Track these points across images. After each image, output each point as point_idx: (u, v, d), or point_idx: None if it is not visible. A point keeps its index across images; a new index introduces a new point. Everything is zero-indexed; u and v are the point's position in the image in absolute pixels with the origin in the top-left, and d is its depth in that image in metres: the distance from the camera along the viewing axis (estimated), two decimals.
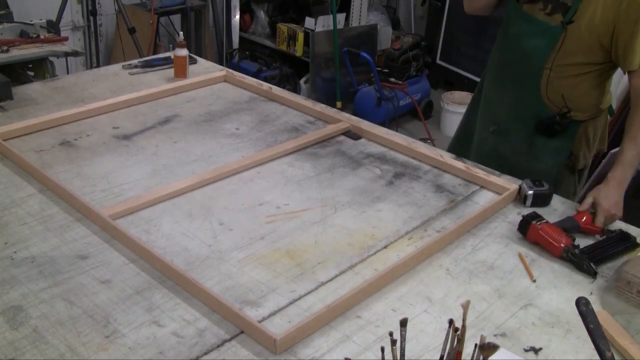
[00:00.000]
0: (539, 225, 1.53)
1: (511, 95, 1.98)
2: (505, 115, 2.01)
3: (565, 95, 1.86)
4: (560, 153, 1.94)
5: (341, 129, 2.08)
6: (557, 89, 1.86)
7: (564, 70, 1.84)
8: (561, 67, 1.83)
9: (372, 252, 1.50)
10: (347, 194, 1.74)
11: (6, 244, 1.46)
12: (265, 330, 1.20)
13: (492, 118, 2.06)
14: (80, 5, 4.33)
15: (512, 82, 1.97)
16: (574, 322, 1.29)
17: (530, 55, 1.87)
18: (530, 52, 1.86)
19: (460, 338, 0.99)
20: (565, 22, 1.77)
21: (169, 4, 4.51)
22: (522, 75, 1.92)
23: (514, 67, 1.94)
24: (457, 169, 1.85)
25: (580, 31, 1.76)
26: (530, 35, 1.86)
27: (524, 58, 1.89)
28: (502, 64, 2.01)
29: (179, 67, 2.41)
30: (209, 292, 1.29)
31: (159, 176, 1.78)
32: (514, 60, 1.93)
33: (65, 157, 1.85)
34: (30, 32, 2.79)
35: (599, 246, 1.52)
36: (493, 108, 2.07)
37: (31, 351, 1.16)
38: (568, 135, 1.92)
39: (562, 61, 1.83)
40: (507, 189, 1.72)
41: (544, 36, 1.82)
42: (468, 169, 1.82)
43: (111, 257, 1.43)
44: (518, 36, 1.89)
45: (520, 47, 1.89)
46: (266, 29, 5.21)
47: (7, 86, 2.14)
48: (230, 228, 1.57)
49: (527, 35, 1.86)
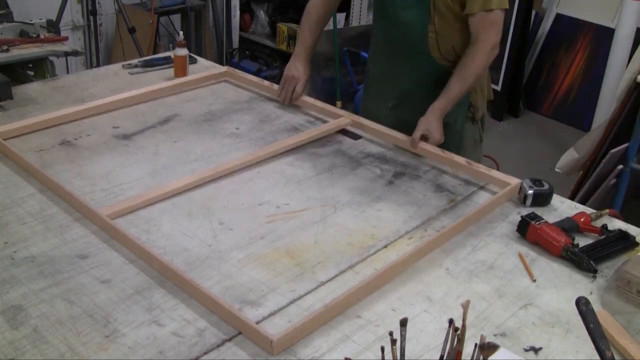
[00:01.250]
0: (538, 225, 1.53)
1: (407, 66, 2.09)
2: (405, 85, 2.12)
3: (455, 48, 2.01)
4: (461, 106, 2.06)
5: (342, 124, 2.09)
6: (447, 44, 2.00)
7: (446, 28, 1.97)
8: (442, 26, 1.97)
9: (372, 252, 1.50)
10: (347, 194, 1.74)
11: (6, 243, 1.46)
12: (261, 331, 1.20)
13: (391, 94, 2.16)
14: (80, 5, 4.33)
15: (403, 54, 2.08)
16: (574, 321, 1.29)
17: (412, 25, 2.00)
18: (411, 23, 2.00)
19: (460, 338, 0.99)
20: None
21: (169, 4, 4.51)
22: (410, 44, 2.03)
23: (401, 40, 2.05)
24: (457, 163, 1.87)
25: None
26: (405, 9, 1.99)
27: (408, 30, 2.01)
28: (389, 41, 2.11)
29: (179, 66, 2.41)
30: (206, 293, 1.29)
31: (159, 176, 1.78)
32: (399, 34, 2.05)
33: (65, 157, 1.85)
34: (30, 32, 2.79)
35: (598, 245, 1.52)
36: (389, 84, 2.17)
37: (31, 351, 1.16)
38: None
39: (440, 23, 1.96)
40: (508, 184, 1.73)
41: (418, 6, 1.96)
42: (469, 164, 1.84)
43: (111, 257, 1.43)
44: (395, 13, 2.02)
45: (402, 22, 2.01)
46: (266, 28, 5.21)
47: (7, 86, 2.14)
48: (230, 228, 1.57)
49: (402, 9, 1.99)
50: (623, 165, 2.88)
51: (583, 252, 1.47)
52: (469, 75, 1.92)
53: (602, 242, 1.54)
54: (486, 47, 1.90)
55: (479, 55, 1.91)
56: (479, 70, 1.93)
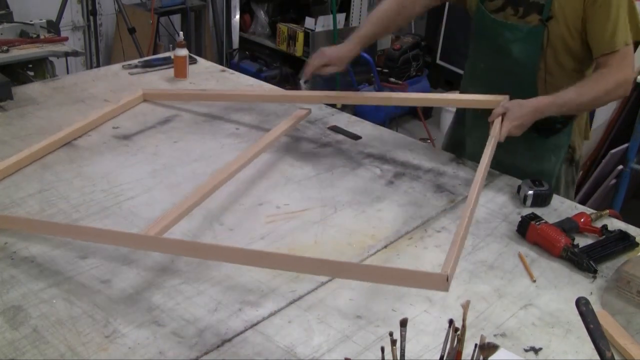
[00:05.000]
0: (538, 225, 1.54)
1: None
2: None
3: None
4: (561, 149, 1.91)
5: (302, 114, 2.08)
6: (556, 88, 1.79)
7: (556, 68, 1.80)
8: (553, 66, 1.80)
9: (372, 252, 1.50)
10: (347, 194, 1.74)
11: (6, 244, 1.46)
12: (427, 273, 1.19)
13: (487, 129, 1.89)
14: (80, 5, 4.33)
15: (507, 89, 1.85)
16: (574, 322, 1.29)
17: (521, 61, 1.81)
18: (519, 59, 1.81)
19: (460, 338, 0.99)
20: (544, 19, 1.73)
21: (169, 4, 4.51)
22: (516, 82, 1.85)
23: (505, 76, 1.87)
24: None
25: (561, 25, 1.73)
26: (514, 42, 1.80)
27: (515, 65, 1.82)
28: (491, 75, 1.93)
29: (179, 67, 2.41)
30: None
31: (159, 176, 1.78)
32: (504, 69, 1.86)
33: (65, 157, 1.85)
34: (30, 32, 2.79)
35: (598, 246, 1.52)
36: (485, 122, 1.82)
37: (31, 351, 1.16)
38: (567, 130, 1.90)
39: (552, 60, 1.79)
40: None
41: (528, 39, 1.78)
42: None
43: (111, 257, 1.43)
44: (502, 45, 1.83)
45: (508, 55, 1.82)
46: (266, 29, 5.20)
47: (7, 86, 2.14)
48: (230, 228, 1.57)
49: (512, 42, 1.80)
50: (623, 165, 2.88)
51: (583, 253, 1.47)
52: (587, 92, 1.69)
53: (602, 242, 1.54)
54: (616, 75, 1.68)
55: (605, 80, 1.68)
56: (599, 94, 1.69)
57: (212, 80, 2.46)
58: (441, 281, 1.15)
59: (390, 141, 2.05)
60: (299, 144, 2.01)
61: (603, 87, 1.69)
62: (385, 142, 2.05)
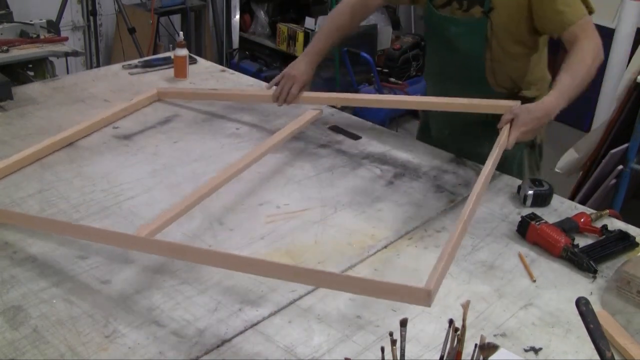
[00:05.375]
0: (538, 225, 1.53)
1: (462, 92, 1.97)
2: (459, 115, 2.00)
3: (512, 77, 1.91)
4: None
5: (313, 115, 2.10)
6: (504, 74, 1.90)
7: (502, 55, 1.87)
8: (499, 54, 1.87)
9: (372, 252, 1.50)
10: (347, 194, 1.74)
11: (6, 243, 1.46)
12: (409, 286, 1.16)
13: (446, 123, 2.08)
14: (80, 5, 4.33)
15: (459, 82, 1.96)
16: (574, 322, 1.29)
17: (468, 52, 1.90)
18: (466, 50, 1.90)
19: (460, 338, 0.99)
20: (485, 11, 1.80)
21: (169, 4, 4.51)
22: (466, 73, 1.93)
23: (456, 68, 1.95)
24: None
25: (502, 15, 1.79)
26: (461, 35, 1.88)
27: (463, 57, 1.91)
28: (444, 67, 2.02)
29: (179, 67, 2.41)
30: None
31: (159, 176, 1.78)
32: (454, 61, 1.94)
33: (65, 157, 1.85)
34: (30, 32, 2.79)
35: (598, 246, 1.52)
36: (444, 113, 2.03)
37: (31, 351, 1.16)
38: None
39: (497, 49, 1.86)
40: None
41: (473, 31, 1.86)
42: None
43: (111, 257, 1.43)
44: (450, 39, 1.91)
45: (456, 48, 1.91)
46: (266, 29, 5.21)
47: (7, 86, 2.14)
48: (230, 228, 1.57)
49: (459, 35, 1.89)
50: (623, 165, 2.87)
51: (583, 253, 1.47)
52: (577, 69, 1.66)
53: (602, 242, 1.54)
54: (590, 44, 1.69)
55: (585, 52, 1.68)
56: (588, 64, 1.67)
57: (212, 80, 2.46)
58: (423, 296, 1.13)
59: (390, 141, 2.05)
60: (299, 143, 2.01)
61: (588, 56, 1.69)
62: (385, 142, 2.05)
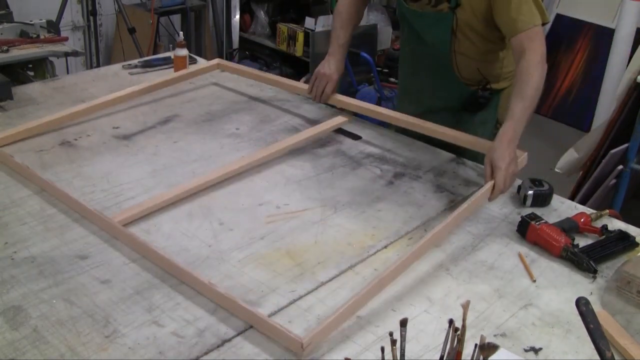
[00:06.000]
0: (538, 225, 1.53)
1: (429, 84, 2.10)
2: (427, 101, 2.12)
3: (480, 70, 1.99)
4: (487, 124, 2.04)
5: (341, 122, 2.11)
6: (471, 67, 1.99)
7: (469, 50, 1.95)
8: (464, 47, 1.95)
9: (372, 252, 1.50)
10: (347, 194, 1.74)
11: (6, 244, 1.46)
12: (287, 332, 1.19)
13: (416, 109, 2.13)
14: (80, 5, 4.33)
15: (427, 72, 2.09)
16: (574, 322, 1.29)
17: (435, 44, 1.98)
18: (434, 43, 1.99)
19: (460, 338, 0.99)
20: (452, 7, 1.88)
21: (169, 4, 4.51)
22: (434, 64, 2.04)
23: (425, 58, 2.07)
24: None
25: (467, 12, 1.87)
26: (428, 28, 1.98)
27: (431, 48, 2.01)
28: (414, 57, 2.14)
29: (179, 67, 2.41)
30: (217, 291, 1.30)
31: (159, 176, 1.78)
32: (423, 52, 2.06)
33: (65, 157, 1.85)
34: (30, 32, 2.79)
35: (598, 246, 1.52)
36: (414, 99, 2.18)
37: (31, 351, 1.16)
38: (492, 105, 2.04)
39: (464, 43, 1.94)
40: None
41: (440, 26, 1.93)
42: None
43: (111, 257, 1.43)
44: (419, 32, 2.02)
45: (425, 41, 2.01)
46: (266, 29, 5.21)
47: (7, 86, 2.14)
48: (230, 228, 1.57)
49: (426, 28, 1.99)
50: (623, 165, 2.87)
51: (583, 253, 1.47)
52: (528, 90, 1.71)
53: (602, 242, 1.54)
54: (536, 57, 1.74)
55: (531, 68, 1.73)
56: (536, 84, 1.72)
57: (212, 80, 2.46)
58: (296, 346, 1.17)
59: (390, 141, 2.05)
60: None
61: (535, 73, 1.72)
62: (385, 142, 2.05)
